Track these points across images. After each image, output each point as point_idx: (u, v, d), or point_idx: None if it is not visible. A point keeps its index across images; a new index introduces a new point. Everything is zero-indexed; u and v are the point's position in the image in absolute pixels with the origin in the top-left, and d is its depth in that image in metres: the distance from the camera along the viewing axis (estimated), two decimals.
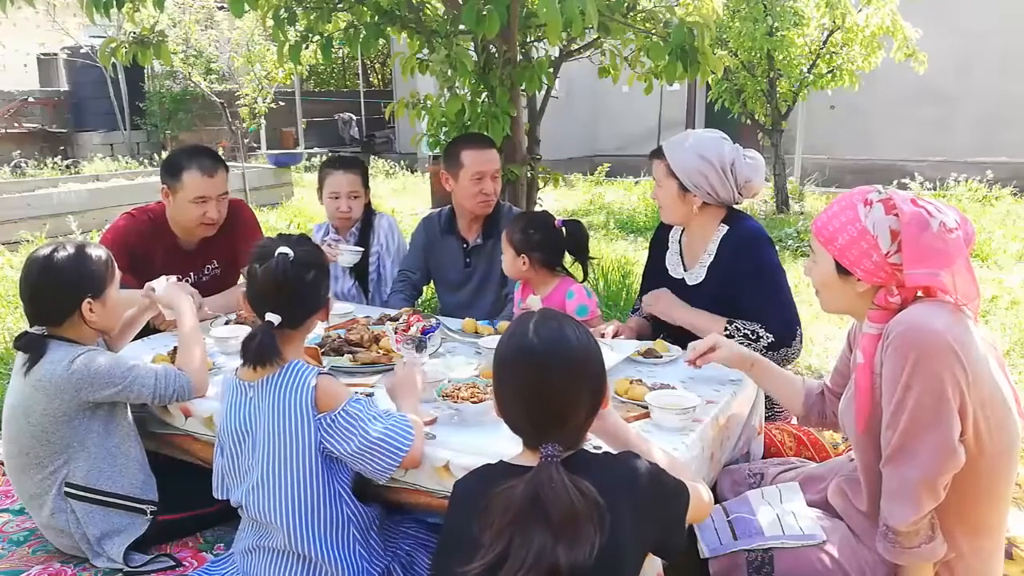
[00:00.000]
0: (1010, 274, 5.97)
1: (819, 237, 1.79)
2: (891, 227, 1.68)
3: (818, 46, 8.14)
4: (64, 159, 12.33)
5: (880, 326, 1.70)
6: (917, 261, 1.63)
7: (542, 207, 4.22)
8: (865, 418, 1.75)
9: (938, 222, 1.64)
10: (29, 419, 2.16)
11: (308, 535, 1.84)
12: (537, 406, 1.45)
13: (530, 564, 1.32)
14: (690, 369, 2.41)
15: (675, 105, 12.14)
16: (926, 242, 1.63)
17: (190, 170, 2.98)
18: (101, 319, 2.25)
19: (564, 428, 1.45)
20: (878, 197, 1.71)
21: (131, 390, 2.17)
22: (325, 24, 3.51)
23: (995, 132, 10.58)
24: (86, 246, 2.27)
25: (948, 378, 1.59)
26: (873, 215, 1.69)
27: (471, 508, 1.42)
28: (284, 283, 1.85)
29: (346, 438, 1.82)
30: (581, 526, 1.34)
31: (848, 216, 1.72)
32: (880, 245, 1.69)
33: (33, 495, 2.25)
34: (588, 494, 1.36)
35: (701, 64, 3.36)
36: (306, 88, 17.11)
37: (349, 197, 3.45)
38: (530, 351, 1.44)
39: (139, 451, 2.31)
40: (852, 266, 1.73)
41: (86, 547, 2.22)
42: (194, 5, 10.67)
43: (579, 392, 1.45)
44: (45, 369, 2.14)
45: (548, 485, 1.35)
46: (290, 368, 1.86)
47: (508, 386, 1.49)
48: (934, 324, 1.62)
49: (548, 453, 1.39)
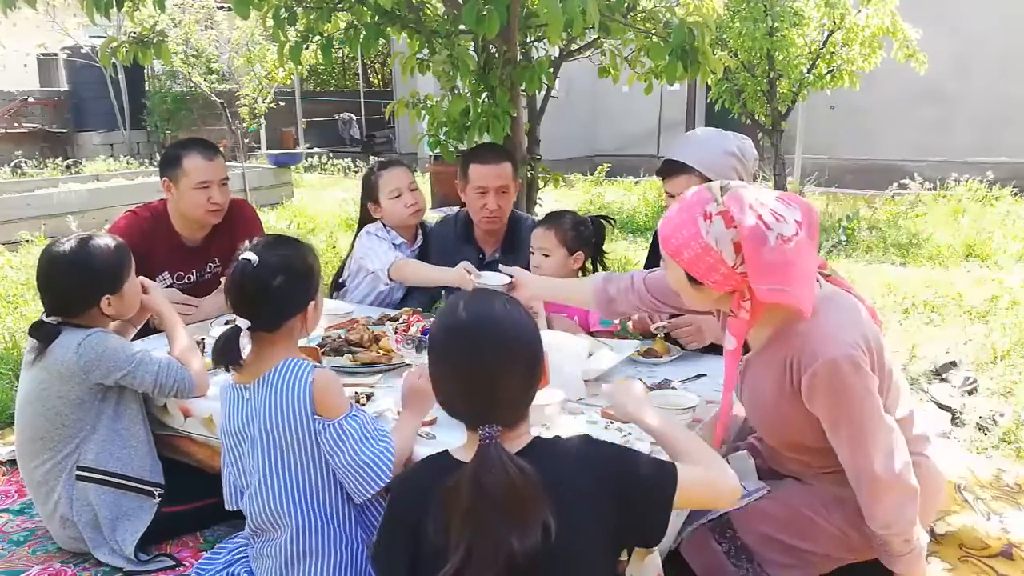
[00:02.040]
0: (1010, 274, 5.97)
1: (666, 249, 1.77)
2: (733, 240, 1.67)
3: (818, 46, 8.14)
4: (64, 159, 12.32)
5: (734, 341, 1.77)
6: (761, 276, 1.65)
7: (542, 207, 4.22)
8: (724, 425, 1.88)
9: (775, 235, 1.64)
10: (44, 403, 2.21)
11: (314, 527, 1.83)
12: (471, 383, 1.46)
13: (490, 558, 1.34)
14: (690, 369, 2.42)
15: (675, 105, 12.12)
16: (766, 259, 1.64)
17: (190, 156, 3.01)
18: (118, 311, 2.31)
19: (500, 405, 1.46)
20: (716, 209, 1.68)
21: (135, 375, 2.20)
22: (325, 24, 3.51)
23: (995, 132, 10.56)
24: (104, 240, 2.31)
25: (869, 383, 1.69)
26: (714, 230, 1.68)
27: (419, 503, 1.44)
28: (246, 288, 1.84)
29: (337, 450, 1.81)
30: (527, 508, 1.35)
31: (690, 231, 1.70)
32: (725, 259, 1.68)
33: (43, 482, 2.28)
34: (529, 474, 1.37)
35: (701, 64, 3.36)
36: (306, 88, 17.10)
37: (410, 189, 3.32)
38: (458, 327, 1.47)
39: (147, 434, 2.35)
40: (702, 278, 1.73)
41: (91, 535, 2.24)
42: (194, 5, 10.65)
43: (511, 364, 1.46)
44: (56, 353, 2.19)
45: (489, 469, 1.37)
46: (285, 365, 1.85)
47: (442, 366, 1.50)
48: (837, 351, 1.67)
49: (487, 434, 1.41)
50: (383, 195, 3.32)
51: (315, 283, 1.95)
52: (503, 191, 3.08)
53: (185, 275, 3.18)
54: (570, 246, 2.74)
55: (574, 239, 2.74)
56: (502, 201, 3.09)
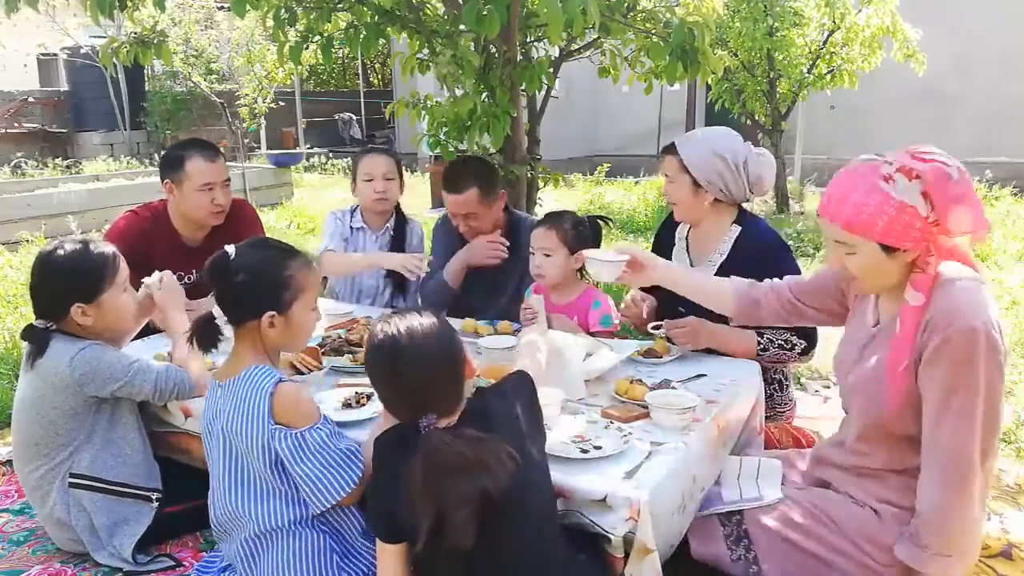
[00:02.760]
0: (1010, 274, 5.97)
1: (853, 229, 1.75)
2: (920, 191, 1.69)
3: (818, 46, 8.14)
4: (64, 159, 12.32)
5: (922, 297, 1.73)
6: (953, 215, 1.68)
7: (542, 207, 4.22)
8: (900, 394, 1.77)
9: (955, 168, 1.70)
10: (39, 411, 2.19)
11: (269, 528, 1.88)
12: (402, 390, 1.66)
13: (462, 506, 1.49)
14: (690, 369, 2.41)
15: (675, 105, 12.12)
16: (953, 192, 1.68)
17: (192, 158, 3.00)
18: (97, 322, 2.23)
19: (433, 401, 1.63)
20: (891, 169, 1.70)
21: (133, 386, 2.19)
22: (325, 24, 3.50)
23: (995, 132, 10.57)
24: (89, 246, 2.24)
25: (1001, 364, 1.69)
26: (899, 187, 1.69)
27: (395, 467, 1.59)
28: (213, 277, 1.91)
29: (294, 459, 1.82)
30: (485, 459, 1.52)
31: (877, 199, 1.71)
32: (920, 212, 1.69)
33: (37, 487, 2.27)
34: (473, 437, 1.55)
35: (701, 64, 3.36)
36: (306, 88, 17.10)
37: (384, 178, 3.38)
38: (380, 347, 1.65)
39: (142, 440, 2.34)
40: (900, 242, 1.72)
41: (89, 539, 2.23)
42: (194, 5, 10.65)
43: (434, 371, 1.64)
44: (48, 364, 2.17)
45: (436, 453, 1.53)
46: (250, 372, 1.87)
47: (375, 379, 1.70)
48: (978, 321, 1.66)
49: (425, 424, 1.59)
50: (359, 176, 3.43)
51: (282, 296, 1.91)
52: (467, 216, 3.08)
53: (185, 275, 3.17)
54: (571, 246, 2.74)
55: (575, 239, 2.74)
56: (473, 223, 3.10)
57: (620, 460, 1.83)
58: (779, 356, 2.54)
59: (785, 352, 2.52)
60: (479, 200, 3.04)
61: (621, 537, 1.70)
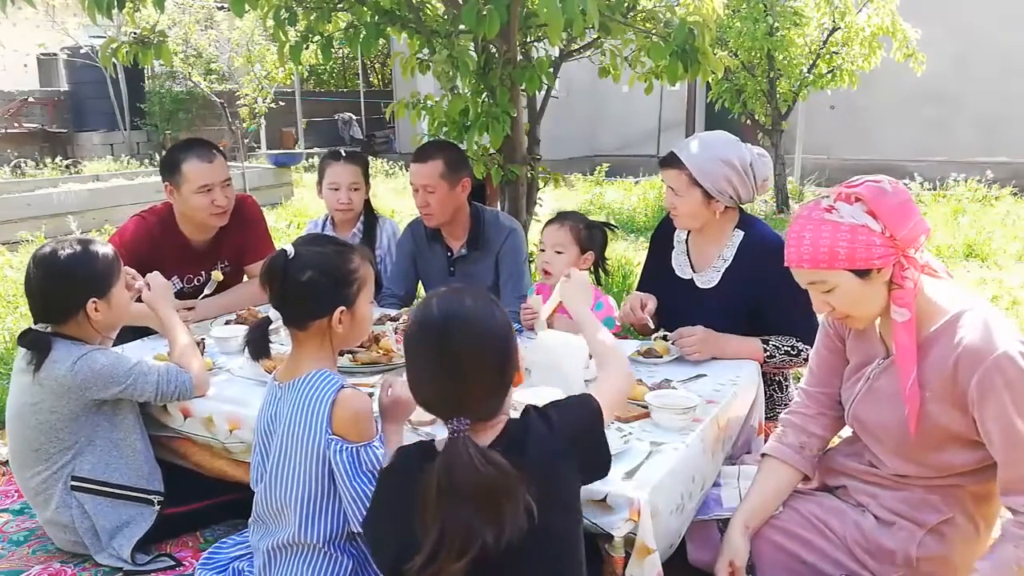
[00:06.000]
0: (1010, 274, 5.97)
1: (819, 264, 1.75)
2: (865, 211, 1.71)
3: (818, 46, 8.14)
4: (64, 159, 12.31)
5: (907, 312, 1.72)
6: (898, 222, 1.71)
7: (542, 207, 4.22)
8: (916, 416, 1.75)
9: (886, 181, 1.74)
10: (38, 416, 2.18)
11: (309, 536, 1.83)
12: (442, 377, 1.48)
13: (464, 545, 1.36)
14: (690, 369, 2.41)
15: (675, 105, 12.12)
16: (892, 202, 1.71)
17: (188, 160, 2.96)
18: (106, 318, 2.24)
19: (471, 399, 1.48)
20: (829, 201, 1.75)
21: (135, 388, 2.19)
22: (325, 24, 3.50)
23: (995, 132, 10.56)
24: (91, 243, 2.25)
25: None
26: (844, 212, 1.72)
27: (406, 487, 1.46)
28: (274, 279, 1.83)
29: (347, 473, 1.77)
30: (500, 502, 1.37)
31: (828, 229, 1.72)
32: (874, 228, 1.71)
33: (38, 490, 2.26)
34: (500, 466, 1.39)
35: (701, 64, 3.36)
36: (306, 88, 17.10)
37: (349, 189, 3.42)
38: (430, 320, 1.50)
39: (144, 442, 2.33)
40: (868, 262, 1.72)
41: (90, 541, 2.23)
42: (194, 5, 10.66)
43: (482, 357, 1.48)
44: (50, 369, 2.15)
45: (456, 461, 1.39)
46: (312, 376, 1.82)
47: (415, 359, 1.53)
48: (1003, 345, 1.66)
49: (455, 427, 1.43)
50: (324, 183, 3.50)
51: (350, 290, 1.87)
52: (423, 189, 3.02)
53: (195, 277, 3.15)
54: (583, 244, 2.75)
55: (587, 238, 2.76)
56: (430, 199, 3.03)
57: (620, 460, 1.82)
58: (786, 363, 2.54)
59: (792, 358, 2.52)
60: (441, 174, 3.00)
61: (622, 537, 1.70)
